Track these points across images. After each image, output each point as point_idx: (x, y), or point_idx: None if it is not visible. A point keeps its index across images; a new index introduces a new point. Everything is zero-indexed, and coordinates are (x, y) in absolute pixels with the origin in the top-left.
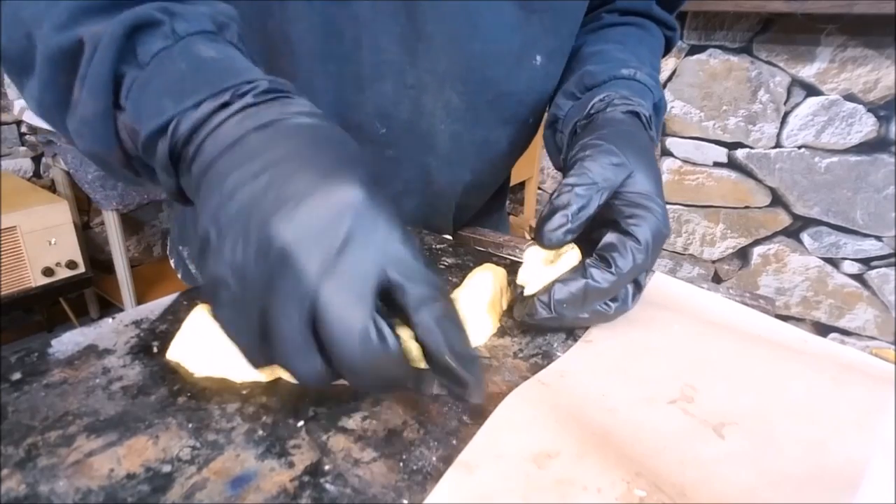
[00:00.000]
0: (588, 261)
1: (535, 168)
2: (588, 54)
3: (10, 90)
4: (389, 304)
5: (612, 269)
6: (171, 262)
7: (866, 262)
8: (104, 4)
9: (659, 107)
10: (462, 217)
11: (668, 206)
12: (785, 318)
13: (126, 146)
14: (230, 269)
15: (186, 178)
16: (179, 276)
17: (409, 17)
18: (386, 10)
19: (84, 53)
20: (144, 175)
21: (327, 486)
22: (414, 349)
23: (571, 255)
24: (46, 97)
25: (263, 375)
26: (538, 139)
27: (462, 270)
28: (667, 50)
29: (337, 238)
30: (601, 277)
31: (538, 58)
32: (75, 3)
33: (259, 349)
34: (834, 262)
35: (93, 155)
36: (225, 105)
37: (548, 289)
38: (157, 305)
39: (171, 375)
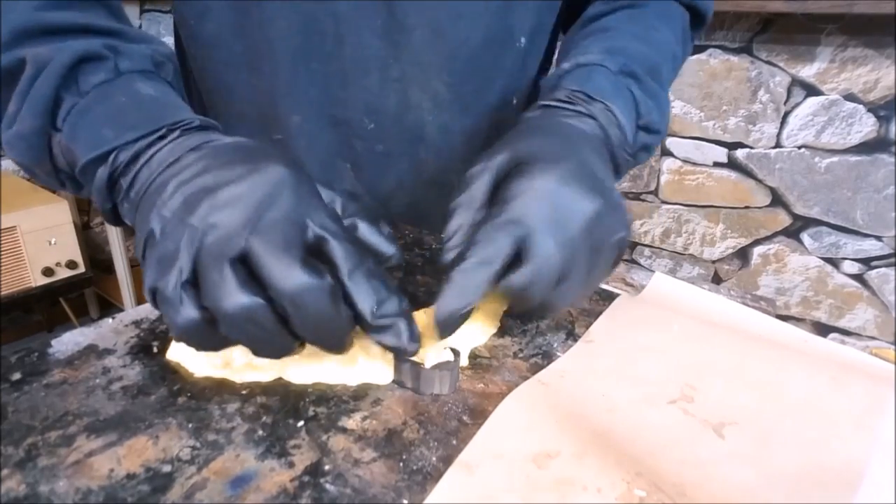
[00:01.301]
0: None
1: None
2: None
3: None
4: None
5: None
6: None
7: (866, 262)
8: (46, 29)
9: (631, 70)
10: None
11: (668, 206)
12: (785, 318)
13: (57, 161)
14: (172, 246)
15: (124, 204)
16: None
17: (390, 10)
18: (366, 4)
19: (25, 72)
20: (69, 187)
21: (327, 486)
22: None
23: None
24: None
25: (263, 375)
26: None
27: None
28: (698, 22)
29: (265, 200)
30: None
31: (522, 40)
32: (18, 25)
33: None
34: (834, 262)
35: (21, 164)
36: (161, 138)
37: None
38: None
39: (171, 375)
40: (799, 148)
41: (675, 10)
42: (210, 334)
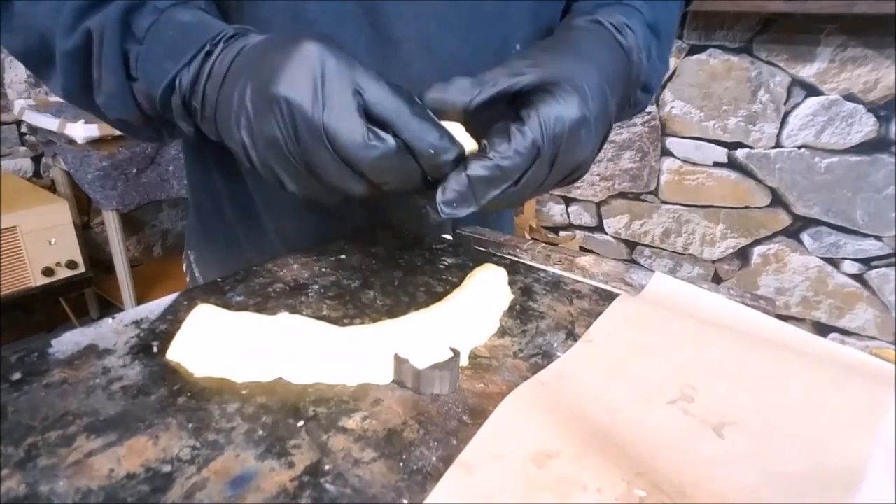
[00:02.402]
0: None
1: None
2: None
3: (10, 90)
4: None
5: (491, 153)
6: (184, 267)
7: (866, 262)
8: (99, 0)
9: (656, 28)
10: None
11: (668, 206)
12: (785, 318)
13: (144, 109)
14: (264, 138)
15: (203, 121)
16: (187, 279)
17: (374, 25)
18: (349, 20)
19: (94, 41)
20: (164, 130)
21: (327, 486)
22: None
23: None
24: (71, 84)
25: (263, 375)
26: None
27: (462, 270)
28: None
29: (315, 80)
30: (480, 166)
31: (517, 47)
32: (77, 3)
33: (306, 182)
34: (834, 262)
35: (121, 122)
36: (208, 54)
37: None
38: (157, 305)
39: (171, 375)
40: (799, 148)
41: None
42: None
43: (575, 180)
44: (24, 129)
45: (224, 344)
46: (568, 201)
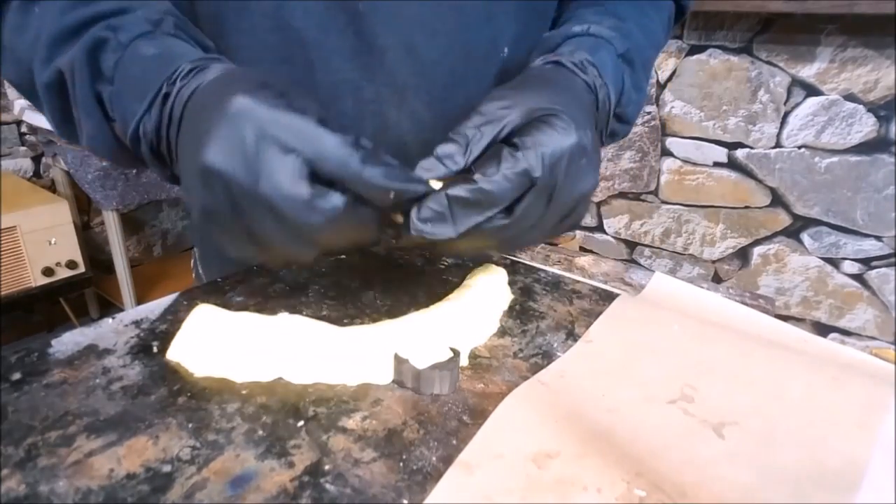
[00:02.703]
0: None
1: None
2: (560, 23)
3: (10, 90)
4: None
5: (476, 175)
6: (192, 263)
7: (866, 262)
8: (68, 32)
9: (629, 58)
10: None
11: (668, 206)
12: (785, 318)
13: (129, 146)
14: (204, 204)
15: (175, 167)
16: (193, 276)
17: (358, 32)
18: (332, 28)
19: (67, 80)
20: (157, 166)
21: (327, 486)
22: None
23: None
24: (56, 118)
25: (263, 375)
26: None
27: (462, 270)
28: (678, 14)
29: (246, 145)
30: (461, 187)
31: (505, 49)
32: (50, 35)
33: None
34: (834, 262)
35: (110, 160)
36: (166, 96)
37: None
38: (157, 305)
39: (171, 375)
40: (799, 148)
41: (665, 1)
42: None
43: (577, 222)
44: (24, 129)
45: (224, 344)
46: None
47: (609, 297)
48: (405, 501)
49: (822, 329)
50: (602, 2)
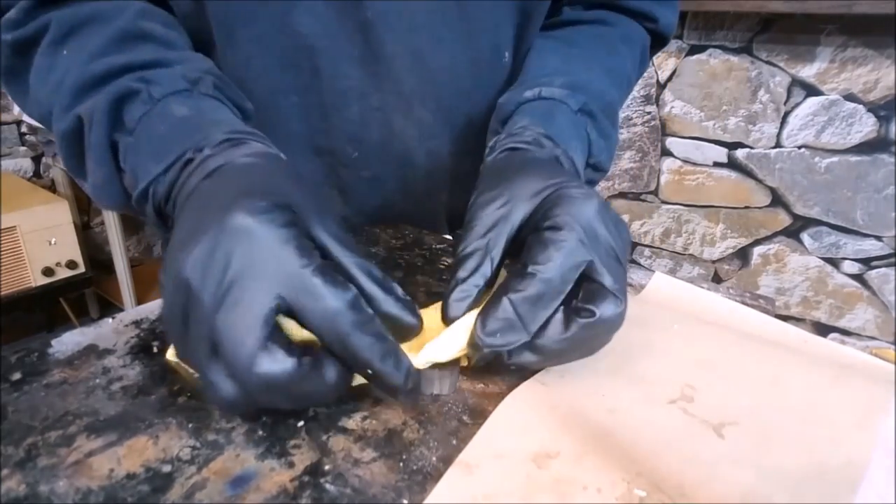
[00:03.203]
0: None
1: None
2: (524, 64)
3: None
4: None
5: (531, 268)
6: None
7: (866, 262)
8: (95, 81)
9: (588, 111)
10: (457, 217)
11: (668, 207)
12: (785, 318)
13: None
14: (168, 303)
15: None
16: None
17: (366, 40)
18: (340, 36)
19: (84, 127)
20: (153, 224)
21: (327, 486)
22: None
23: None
24: (70, 165)
25: None
26: None
27: None
28: (659, 42)
29: (227, 269)
30: (522, 284)
31: (506, 55)
32: (74, 82)
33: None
34: (834, 262)
35: (114, 210)
36: (189, 162)
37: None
38: (157, 305)
39: (171, 375)
40: (799, 148)
41: (637, 34)
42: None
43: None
44: (24, 129)
45: None
46: None
47: None
48: (405, 501)
49: (822, 329)
50: (569, 35)
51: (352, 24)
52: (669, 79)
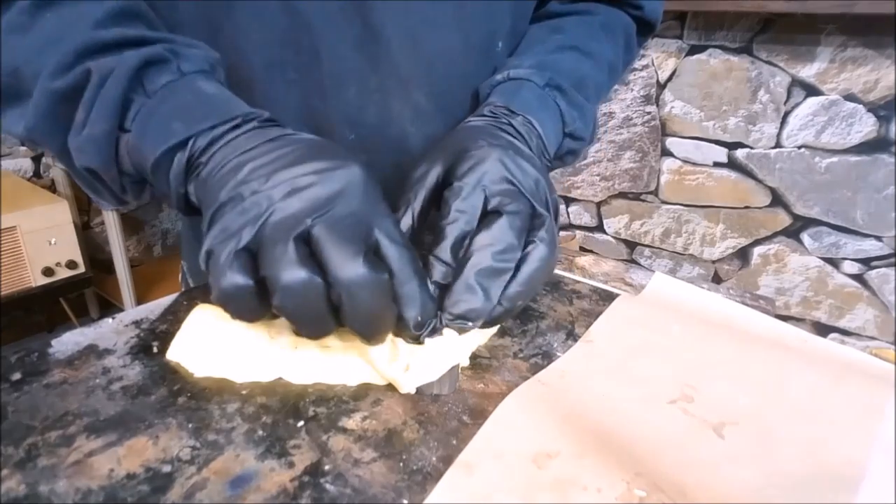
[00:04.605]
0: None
1: None
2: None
3: None
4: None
5: (440, 223)
6: (179, 277)
7: (866, 262)
8: (105, 45)
9: (556, 84)
10: None
11: (668, 207)
12: (785, 318)
13: (122, 164)
14: (239, 219)
15: (195, 183)
16: (182, 289)
17: (365, 21)
18: (340, 16)
19: (91, 81)
20: (130, 192)
21: (327, 486)
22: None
23: None
24: (43, 125)
25: (263, 375)
26: None
27: None
28: (646, 29)
29: (338, 195)
30: (438, 239)
31: (500, 44)
32: (81, 45)
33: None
34: (834, 262)
35: (86, 171)
36: (236, 127)
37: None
38: (157, 305)
39: (171, 375)
40: (799, 148)
41: (619, 21)
42: (251, 302)
43: (557, 211)
44: None
45: (224, 344)
46: (568, 201)
47: (609, 297)
48: (405, 501)
49: (822, 329)
50: (557, 24)
51: (351, 5)
52: (669, 79)
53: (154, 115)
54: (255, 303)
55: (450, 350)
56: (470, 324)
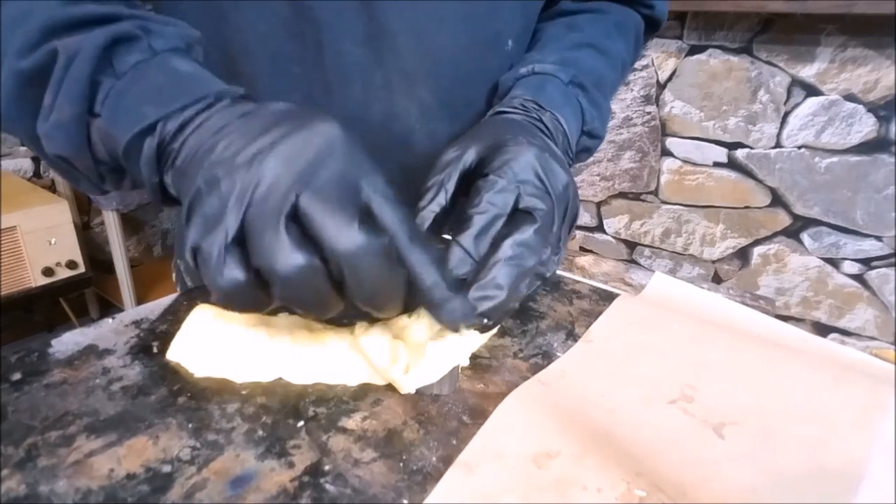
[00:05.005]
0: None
1: None
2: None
3: None
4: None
5: (468, 212)
6: (173, 276)
7: (866, 262)
8: (73, 22)
9: (579, 83)
10: None
11: (668, 207)
12: (785, 318)
13: (96, 150)
14: (219, 203)
15: (171, 173)
16: (178, 289)
17: (371, 16)
18: (346, 11)
19: (57, 63)
20: (109, 180)
21: (327, 486)
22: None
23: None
24: (11, 109)
25: (263, 375)
26: None
27: None
28: (652, 28)
29: (318, 157)
30: (464, 226)
31: (509, 42)
32: (46, 21)
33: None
34: (834, 262)
35: (59, 159)
36: (209, 107)
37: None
38: (157, 305)
39: (171, 375)
40: (799, 148)
41: (631, 19)
42: (254, 295)
43: (574, 220)
44: None
45: (224, 344)
46: None
47: (609, 297)
48: (405, 501)
49: (822, 329)
50: (571, 21)
51: (359, 1)
52: (669, 79)
53: (124, 97)
54: (259, 293)
55: (450, 351)
56: (490, 321)
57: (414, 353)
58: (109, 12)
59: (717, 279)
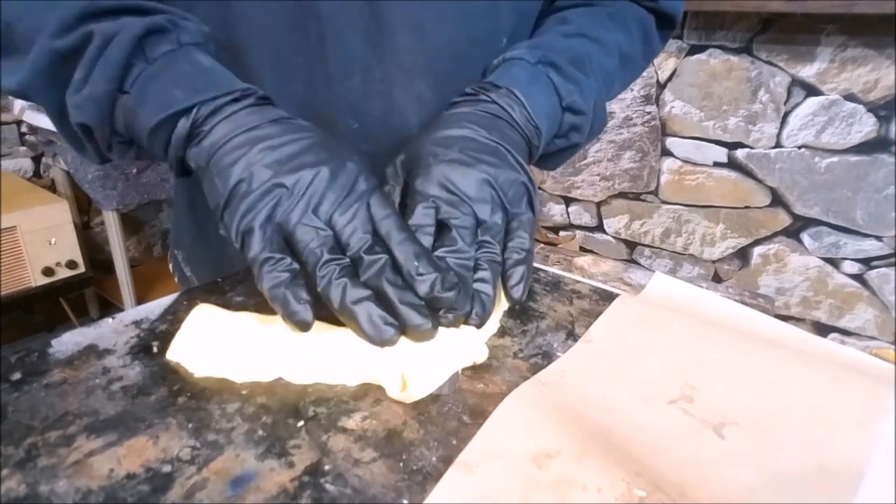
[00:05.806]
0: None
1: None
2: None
3: None
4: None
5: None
6: (170, 266)
7: (866, 262)
8: (104, 11)
9: (550, 61)
10: None
11: (668, 207)
12: (785, 318)
13: (116, 123)
14: (265, 211)
15: (196, 149)
16: (176, 279)
17: (373, 11)
18: (348, 4)
19: (93, 43)
20: (116, 150)
21: (327, 486)
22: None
23: None
24: (38, 81)
25: (263, 375)
26: None
27: None
28: (666, 23)
29: (346, 186)
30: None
31: (504, 40)
32: (85, 8)
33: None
34: (834, 262)
35: (80, 127)
36: (235, 101)
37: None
38: (157, 305)
39: (171, 375)
40: (799, 148)
41: (631, 12)
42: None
43: (522, 200)
44: (24, 129)
45: (224, 344)
46: (568, 201)
47: (609, 297)
48: (405, 501)
49: (822, 329)
50: (564, 15)
51: None
52: (669, 79)
53: (154, 80)
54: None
55: (450, 357)
56: (478, 320)
57: (413, 360)
58: (142, 5)
59: (717, 279)
